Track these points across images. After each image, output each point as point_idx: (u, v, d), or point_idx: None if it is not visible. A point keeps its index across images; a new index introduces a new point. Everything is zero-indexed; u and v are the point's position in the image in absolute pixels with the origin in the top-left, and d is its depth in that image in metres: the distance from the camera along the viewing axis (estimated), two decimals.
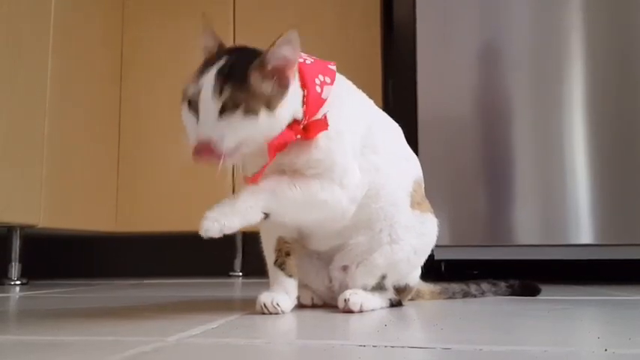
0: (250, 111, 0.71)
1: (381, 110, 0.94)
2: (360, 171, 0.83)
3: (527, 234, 1.47)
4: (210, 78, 0.71)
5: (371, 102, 0.92)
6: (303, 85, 0.77)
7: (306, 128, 0.77)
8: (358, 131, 0.84)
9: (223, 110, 0.70)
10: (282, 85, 0.74)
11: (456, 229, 1.50)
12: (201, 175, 1.96)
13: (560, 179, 1.46)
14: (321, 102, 0.78)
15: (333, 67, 0.83)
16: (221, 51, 0.77)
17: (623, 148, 1.45)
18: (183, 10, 2.02)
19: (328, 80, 0.80)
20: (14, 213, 1.54)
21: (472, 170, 1.51)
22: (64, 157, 1.73)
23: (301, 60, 0.79)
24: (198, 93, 0.71)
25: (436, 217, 0.93)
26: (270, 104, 0.72)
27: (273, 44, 0.73)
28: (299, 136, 0.76)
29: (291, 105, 0.75)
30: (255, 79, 0.72)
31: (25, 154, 1.58)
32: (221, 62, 0.73)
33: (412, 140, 1.33)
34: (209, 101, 0.70)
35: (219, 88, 0.70)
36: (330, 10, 1.95)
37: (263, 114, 0.71)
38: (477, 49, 1.55)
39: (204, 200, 2.18)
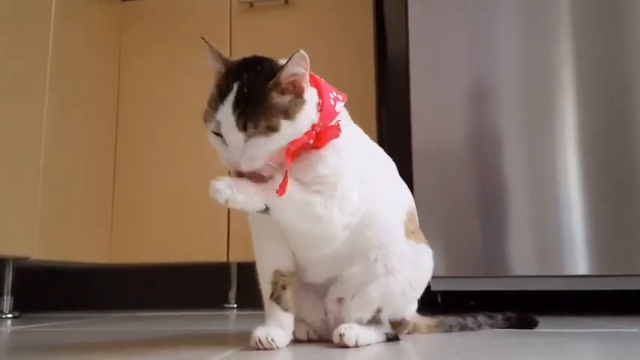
0: (272, 128, 0.75)
1: (375, 144, 0.95)
2: (360, 198, 0.83)
3: (524, 265, 1.47)
4: (227, 111, 0.75)
5: (366, 135, 0.93)
6: (320, 94, 0.81)
7: (318, 135, 0.79)
8: (360, 158, 0.86)
9: (248, 136, 0.75)
10: (298, 95, 0.78)
11: (452, 260, 1.50)
12: (195, 208, 1.96)
13: (555, 210, 1.47)
14: (334, 114, 0.82)
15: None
16: (230, 72, 0.79)
17: (616, 179, 1.46)
18: (179, 48, 2.06)
19: (340, 98, 0.84)
20: (7, 245, 1.53)
21: (467, 201, 1.52)
22: (58, 190, 1.73)
23: (317, 77, 0.83)
24: (219, 126, 0.76)
25: (432, 248, 0.93)
26: (289, 114, 0.76)
27: (284, 66, 0.76)
28: (312, 141, 0.78)
29: (309, 110, 0.79)
30: (272, 97, 0.76)
31: (19, 186, 1.58)
32: (234, 90, 0.76)
33: (407, 172, 1.34)
34: (232, 133, 0.75)
35: (240, 120, 0.74)
36: (324, 43, 1.98)
37: (285, 125, 0.76)
38: (469, 82, 1.57)
39: (198, 232, 2.19)
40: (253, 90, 0.75)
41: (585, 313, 1.45)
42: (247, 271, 0.95)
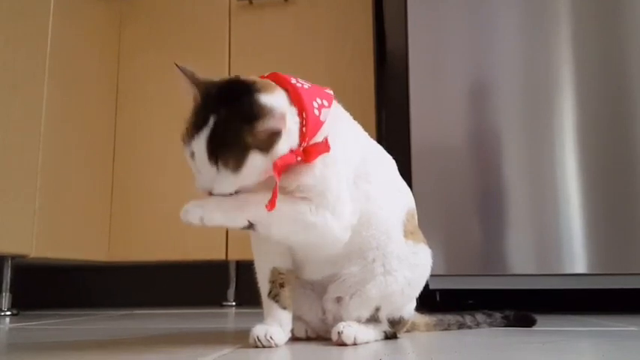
0: (241, 165, 0.73)
1: (374, 142, 0.95)
2: (352, 200, 0.83)
3: (522, 263, 1.47)
4: (202, 144, 0.73)
5: (365, 133, 0.93)
6: (301, 110, 0.77)
7: (307, 151, 0.77)
8: (353, 158, 0.85)
9: (218, 170, 0.73)
10: (275, 135, 0.75)
11: (451, 258, 1.50)
12: None
13: (553, 209, 1.47)
14: (319, 124, 0.79)
15: (330, 92, 0.84)
16: (208, 103, 0.76)
17: (615, 178, 1.46)
18: (179, 45, 2.05)
19: (326, 103, 0.80)
20: (6, 243, 1.53)
21: (466, 200, 1.52)
22: (57, 188, 1.72)
23: (299, 85, 0.79)
24: (193, 155, 0.75)
25: (430, 246, 0.93)
26: (264, 149, 0.74)
27: (260, 119, 0.72)
28: (299, 158, 0.77)
29: (286, 141, 0.76)
30: (246, 137, 0.73)
31: (18, 184, 1.57)
32: (209, 125, 0.73)
33: (406, 171, 1.34)
34: (205, 165, 0.74)
35: (212, 155, 0.73)
36: (323, 42, 1.98)
37: (257, 158, 0.73)
38: (469, 81, 1.57)
39: (196, 230, 2.18)
40: (228, 129, 0.73)
41: (584, 312, 1.45)
42: (246, 269, 0.95)
